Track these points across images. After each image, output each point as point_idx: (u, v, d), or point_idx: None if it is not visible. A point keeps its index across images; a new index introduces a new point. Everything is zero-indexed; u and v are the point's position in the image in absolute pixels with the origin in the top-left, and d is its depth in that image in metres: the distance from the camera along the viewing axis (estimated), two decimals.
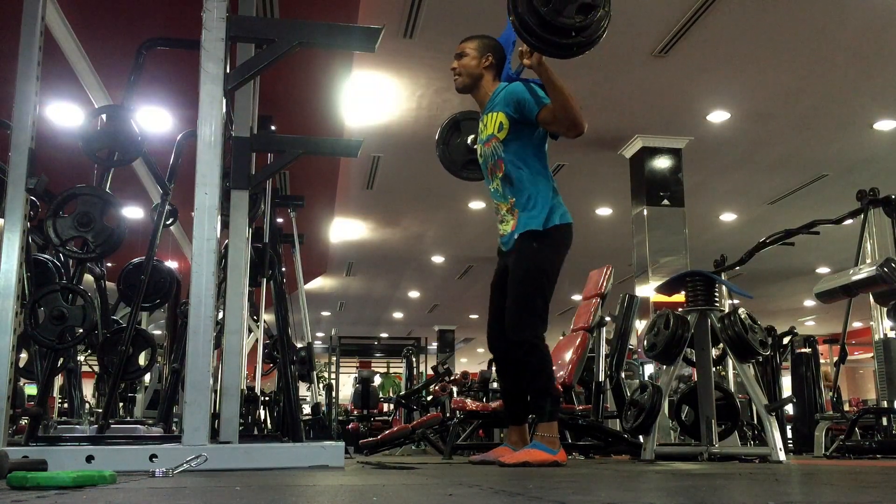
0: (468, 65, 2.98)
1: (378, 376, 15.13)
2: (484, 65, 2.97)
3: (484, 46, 3.00)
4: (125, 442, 2.94)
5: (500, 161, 2.86)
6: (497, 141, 2.86)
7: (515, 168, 2.84)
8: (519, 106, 2.80)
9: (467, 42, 3.03)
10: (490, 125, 2.89)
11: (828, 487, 1.81)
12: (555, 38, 2.39)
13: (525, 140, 2.84)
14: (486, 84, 2.98)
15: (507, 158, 2.84)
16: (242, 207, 3.44)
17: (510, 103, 2.82)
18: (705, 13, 5.60)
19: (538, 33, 2.40)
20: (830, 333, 12.84)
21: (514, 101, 2.81)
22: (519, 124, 2.82)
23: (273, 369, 7.10)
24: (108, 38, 5.42)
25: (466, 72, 2.98)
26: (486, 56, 2.97)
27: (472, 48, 3.00)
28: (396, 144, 7.97)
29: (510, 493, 1.58)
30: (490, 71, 2.98)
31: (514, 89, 2.84)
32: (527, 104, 2.78)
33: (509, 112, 2.82)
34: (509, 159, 2.84)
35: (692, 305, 3.83)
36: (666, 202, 7.75)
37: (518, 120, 2.82)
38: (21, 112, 2.85)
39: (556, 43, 2.42)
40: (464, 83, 3.00)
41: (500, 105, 2.86)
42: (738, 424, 4.30)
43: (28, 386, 6.68)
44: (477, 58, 2.98)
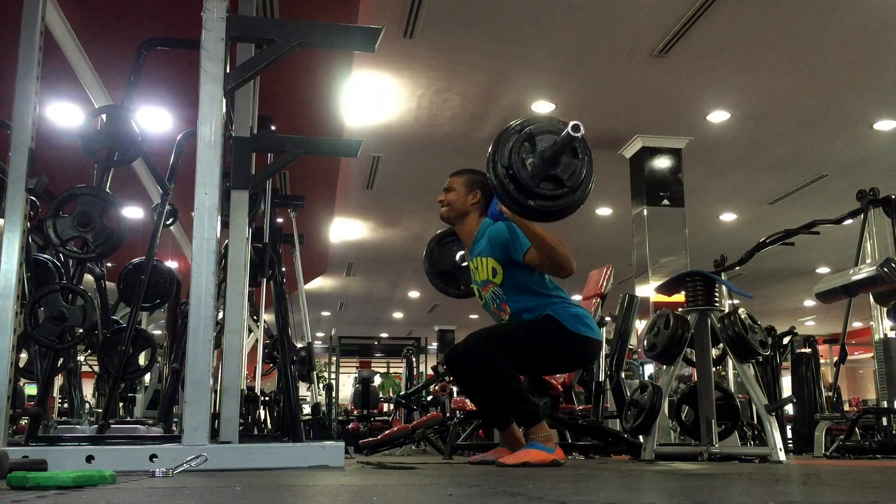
0: (455, 200, 2.96)
1: (378, 376, 15.13)
2: (471, 202, 2.94)
3: (472, 182, 2.97)
4: (125, 442, 2.94)
5: (504, 304, 2.84)
6: (495, 286, 2.83)
7: (521, 305, 2.81)
8: (504, 250, 2.77)
9: (457, 176, 3.00)
10: (482, 271, 2.86)
11: (828, 487, 1.81)
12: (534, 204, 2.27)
13: (521, 276, 2.80)
14: (470, 221, 2.95)
15: (509, 298, 2.82)
16: (242, 207, 3.43)
17: (496, 248, 2.79)
18: (705, 13, 5.60)
19: (518, 199, 2.28)
20: (830, 333, 12.84)
21: (500, 245, 2.78)
22: (510, 265, 2.80)
23: (273, 369, 7.09)
24: (108, 38, 5.42)
25: (452, 206, 2.96)
26: (475, 192, 2.94)
27: (461, 184, 2.97)
28: (396, 144, 7.97)
29: (510, 493, 1.58)
30: (476, 208, 2.94)
31: (497, 233, 2.79)
32: (511, 248, 2.74)
33: (498, 256, 2.79)
34: (511, 298, 2.82)
35: (692, 305, 3.83)
36: (666, 202, 7.75)
37: (508, 262, 2.79)
38: (21, 112, 2.85)
39: (535, 209, 2.29)
40: (448, 215, 2.98)
41: (487, 250, 2.82)
42: (738, 424, 4.29)
43: (28, 386, 6.68)
44: (464, 194, 2.95)
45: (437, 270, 3.35)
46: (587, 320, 2.83)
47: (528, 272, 2.81)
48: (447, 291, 3.34)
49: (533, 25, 5.78)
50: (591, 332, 2.82)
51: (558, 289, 2.88)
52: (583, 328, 2.79)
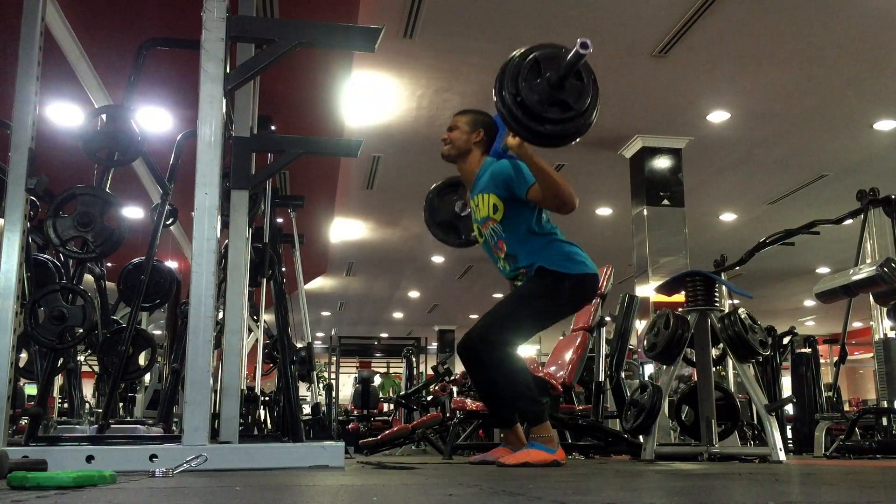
0: (458, 138, 2.97)
1: (378, 376, 15.13)
2: (474, 140, 2.95)
3: (476, 122, 2.98)
4: (125, 442, 2.94)
5: (501, 241, 2.84)
6: (494, 223, 2.84)
7: (519, 245, 2.81)
8: (507, 186, 2.78)
9: (461, 116, 3.02)
10: (483, 207, 2.87)
11: (828, 487, 1.81)
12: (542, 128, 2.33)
13: (522, 214, 2.81)
14: (472, 159, 2.96)
15: (508, 237, 2.82)
16: (242, 207, 3.44)
17: (499, 184, 2.80)
18: (705, 13, 5.60)
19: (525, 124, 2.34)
20: (830, 333, 12.84)
21: (503, 181, 2.79)
22: (512, 202, 2.80)
23: (273, 369, 7.10)
24: (108, 38, 5.42)
25: (455, 145, 2.97)
26: (478, 132, 2.96)
27: (465, 122, 2.99)
28: (396, 144, 7.97)
29: (510, 493, 1.58)
30: (479, 147, 2.96)
31: (501, 169, 2.81)
32: (514, 184, 2.75)
33: (500, 193, 2.80)
34: (510, 238, 2.82)
35: (692, 305, 3.83)
36: (666, 202, 7.75)
37: (510, 198, 2.80)
38: (21, 112, 2.85)
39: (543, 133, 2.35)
40: (450, 153, 2.98)
41: (489, 186, 2.83)
42: (738, 424, 4.30)
43: (28, 386, 6.69)
44: (468, 132, 2.96)
45: (437, 220, 3.36)
46: (580, 256, 2.84)
47: (527, 210, 2.82)
48: (448, 241, 3.35)
49: (533, 25, 5.78)
50: (586, 267, 2.83)
51: (554, 228, 2.89)
52: (576, 266, 2.81)
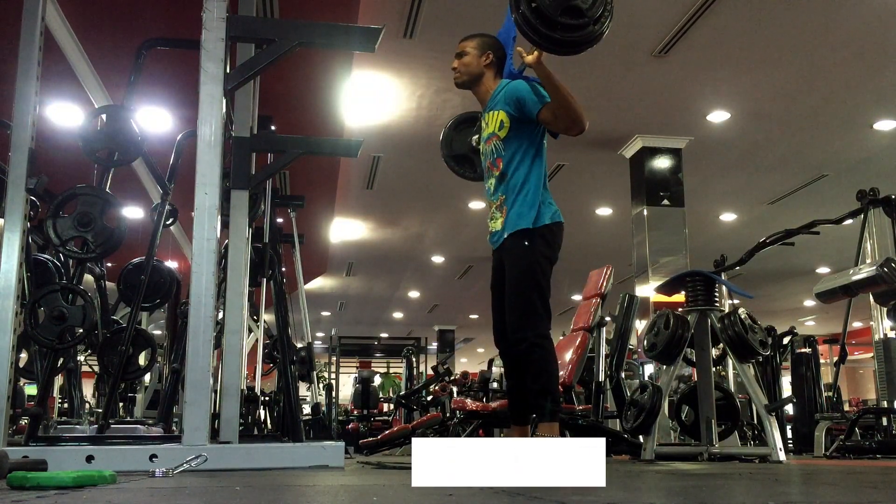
0: (469, 63, 2.99)
1: (378, 376, 15.12)
2: (484, 63, 2.97)
3: (484, 44, 3.01)
4: (125, 442, 2.94)
5: (499, 159, 2.86)
6: (497, 139, 2.86)
7: (512, 166, 2.84)
8: (520, 104, 2.80)
9: (467, 41, 3.04)
10: (491, 123, 2.90)
11: (828, 487, 1.81)
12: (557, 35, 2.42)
13: (524, 138, 2.85)
14: (486, 82, 2.98)
15: (506, 156, 2.85)
16: (242, 207, 3.44)
17: (511, 102, 2.82)
18: (705, 13, 5.60)
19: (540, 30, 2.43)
20: (830, 333, 12.83)
21: (515, 99, 2.81)
22: (519, 122, 2.83)
23: (273, 369, 7.09)
24: (108, 38, 5.42)
25: (467, 70, 2.99)
26: (487, 54, 2.98)
27: (473, 46, 3.00)
28: (396, 144, 7.97)
29: (510, 493, 1.58)
30: (491, 69, 2.98)
31: (516, 87, 2.84)
32: (527, 102, 2.78)
33: (510, 110, 2.82)
34: (507, 157, 2.85)
35: (692, 305, 3.84)
36: (666, 202, 7.75)
37: (518, 118, 2.82)
38: (21, 112, 2.85)
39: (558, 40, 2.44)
40: (463, 80, 3.01)
41: (501, 103, 2.86)
42: (738, 424, 4.30)
43: (28, 386, 6.69)
44: (477, 56, 2.98)
45: (453, 153, 3.37)
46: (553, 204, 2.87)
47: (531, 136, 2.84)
48: (463, 174, 3.38)
49: None
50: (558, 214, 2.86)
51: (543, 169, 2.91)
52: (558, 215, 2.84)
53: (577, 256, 9.35)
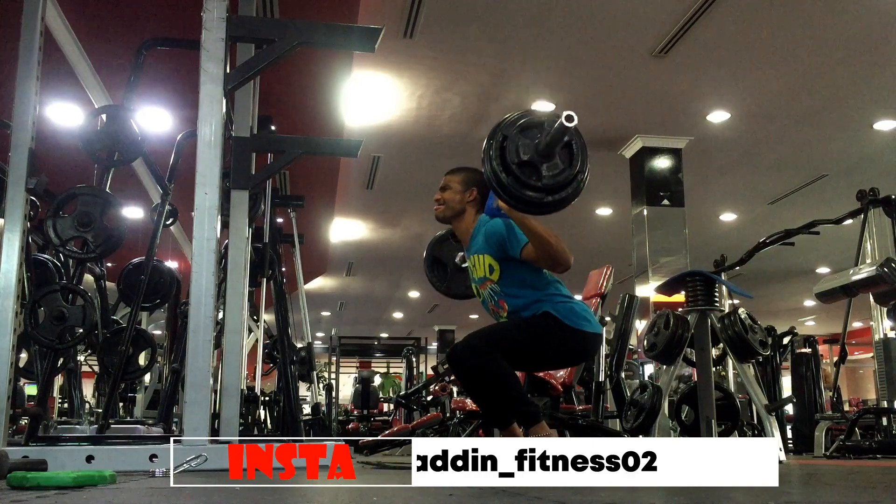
0: (451, 199, 2.93)
1: (378, 376, 15.12)
2: (468, 199, 2.91)
3: (468, 181, 2.94)
4: (125, 442, 2.94)
5: (502, 301, 2.83)
6: (492, 283, 2.82)
7: (519, 301, 2.79)
8: (501, 247, 2.76)
9: (452, 175, 2.98)
10: (480, 268, 2.85)
11: (828, 487, 1.81)
12: (531, 195, 2.29)
13: (519, 272, 2.78)
14: (467, 218, 2.92)
15: (507, 295, 2.80)
16: (242, 207, 3.44)
17: (492, 245, 2.77)
18: (705, 13, 5.59)
19: (514, 192, 2.29)
20: (830, 333, 12.84)
21: (496, 242, 2.76)
22: (508, 261, 2.78)
23: (273, 369, 7.09)
24: (108, 38, 5.42)
25: (449, 205, 2.94)
26: (471, 190, 2.92)
27: (457, 182, 2.94)
28: (396, 144, 7.97)
29: (510, 493, 1.58)
30: (473, 206, 2.92)
31: (494, 230, 2.77)
32: (508, 245, 2.72)
33: (494, 254, 2.78)
34: (509, 294, 2.80)
35: (692, 305, 3.83)
36: (666, 202, 7.75)
37: (505, 258, 2.78)
38: (21, 112, 2.85)
39: (532, 201, 2.31)
40: (444, 215, 2.95)
41: (484, 247, 2.81)
42: (738, 424, 4.29)
43: (28, 386, 6.68)
44: (461, 192, 2.92)
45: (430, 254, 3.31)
46: (585, 314, 2.81)
47: (525, 268, 2.80)
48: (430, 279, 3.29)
49: (533, 25, 5.78)
50: (590, 325, 2.80)
51: (557, 282, 2.86)
52: (581, 322, 2.77)
53: (577, 256, 9.29)
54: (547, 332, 2.73)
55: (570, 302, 2.80)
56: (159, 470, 2.10)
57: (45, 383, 3.36)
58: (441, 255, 3.32)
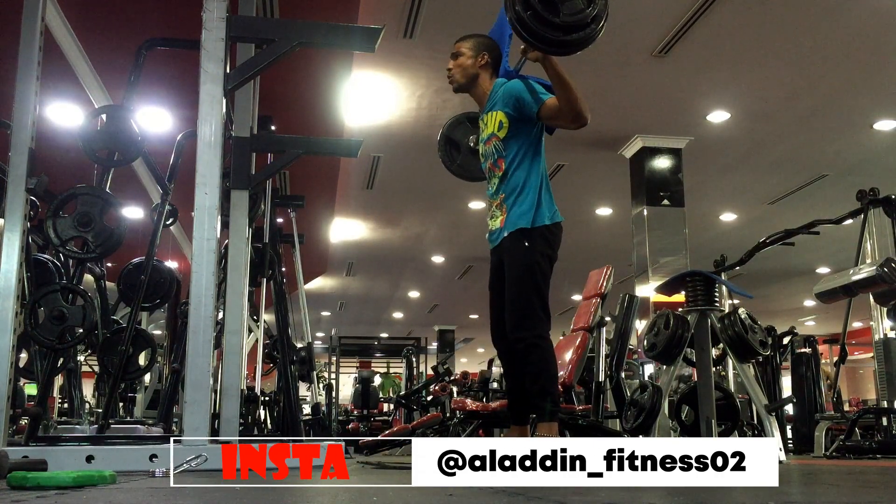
0: (464, 64, 2.97)
1: (378, 376, 15.12)
2: (480, 63, 2.96)
3: (479, 45, 3.00)
4: (125, 442, 2.94)
5: (501, 160, 2.86)
6: (497, 140, 2.86)
7: (513, 166, 2.84)
8: (518, 104, 2.80)
9: (462, 42, 3.03)
10: (490, 124, 2.89)
11: (828, 487, 1.81)
12: (553, 36, 2.39)
13: (524, 138, 2.85)
14: (483, 83, 2.97)
15: (507, 156, 2.84)
16: (242, 207, 3.44)
17: (509, 102, 2.82)
18: (705, 13, 5.59)
19: (536, 31, 2.40)
20: (830, 333, 12.83)
21: (514, 99, 2.81)
22: (519, 122, 2.82)
23: (273, 369, 7.09)
24: (108, 38, 5.42)
25: (463, 72, 2.97)
26: (482, 55, 2.97)
27: (468, 47, 2.99)
28: (396, 144, 7.97)
29: (510, 492, 1.58)
30: (486, 69, 2.97)
31: (513, 87, 2.83)
32: (526, 102, 2.78)
33: (509, 111, 2.82)
34: (509, 157, 2.84)
35: (692, 305, 3.83)
36: (666, 202, 7.75)
37: (518, 118, 2.82)
38: (21, 112, 2.85)
39: (553, 40, 2.41)
40: (459, 83, 2.99)
41: (500, 104, 2.86)
42: (738, 424, 4.29)
43: (28, 386, 6.68)
44: (473, 57, 2.97)
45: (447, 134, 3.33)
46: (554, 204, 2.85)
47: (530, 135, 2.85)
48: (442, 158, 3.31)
49: None
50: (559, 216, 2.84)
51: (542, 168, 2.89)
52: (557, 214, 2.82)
53: (577, 256, 9.34)
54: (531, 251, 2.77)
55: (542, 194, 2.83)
56: (159, 470, 2.10)
57: (45, 383, 3.36)
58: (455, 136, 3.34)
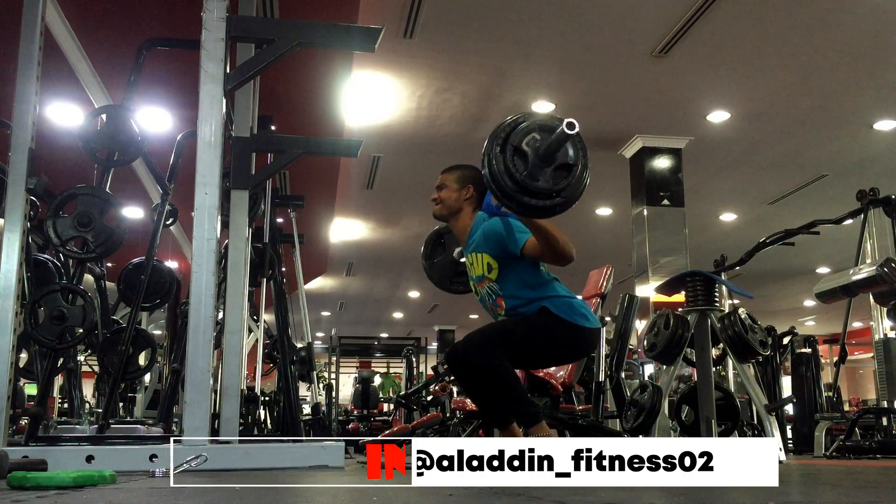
0: (448, 197, 2.92)
1: (378, 376, 15.12)
2: (465, 197, 2.91)
3: (465, 178, 2.94)
4: (125, 442, 2.94)
5: (500, 299, 2.83)
6: (490, 282, 2.82)
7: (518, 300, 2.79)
8: (500, 245, 2.75)
9: (448, 173, 2.98)
10: (478, 266, 2.85)
11: (828, 487, 1.81)
12: (534, 202, 2.29)
13: (517, 270, 2.78)
14: (464, 217, 2.92)
15: (506, 294, 2.80)
16: (242, 207, 3.44)
17: (491, 244, 2.77)
18: (705, 13, 5.59)
19: (517, 198, 2.29)
20: (830, 333, 12.84)
21: (494, 240, 2.76)
22: (506, 259, 2.78)
23: (273, 369, 7.09)
24: (108, 38, 5.42)
25: (446, 204, 2.93)
26: (468, 188, 2.92)
27: (453, 180, 2.94)
28: (396, 144, 7.97)
29: (510, 493, 1.58)
30: (470, 203, 2.91)
31: (492, 229, 2.77)
32: (508, 243, 2.72)
33: (493, 252, 2.77)
34: (508, 294, 2.80)
35: (692, 305, 3.83)
36: (666, 202, 7.74)
37: (504, 256, 2.78)
38: (21, 112, 2.85)
39: (535, 206, 2.31)
40: (441, 213, 2.95)
41: (482, 246, 2.80)
42: (738, 424, 4.29)
43: (28, 386, 6.68)
44: (457, 190, 2.91)
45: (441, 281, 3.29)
46: (583, 310, 2.81)
47: (523, 266, 2.80)
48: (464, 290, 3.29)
49: (533, 25, 5.78)
50: (587, 321, 2.80)
51: (555, 280, 2.86)
52: (579, 318, 2.77)
53: (578, 256, 9.33)
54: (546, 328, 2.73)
55: (568, 298, 2.80)
56: (159, 470, 2.10)
57: (45, 383, 3.36)
58: (449, 273, 3.30)
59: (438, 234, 3.37)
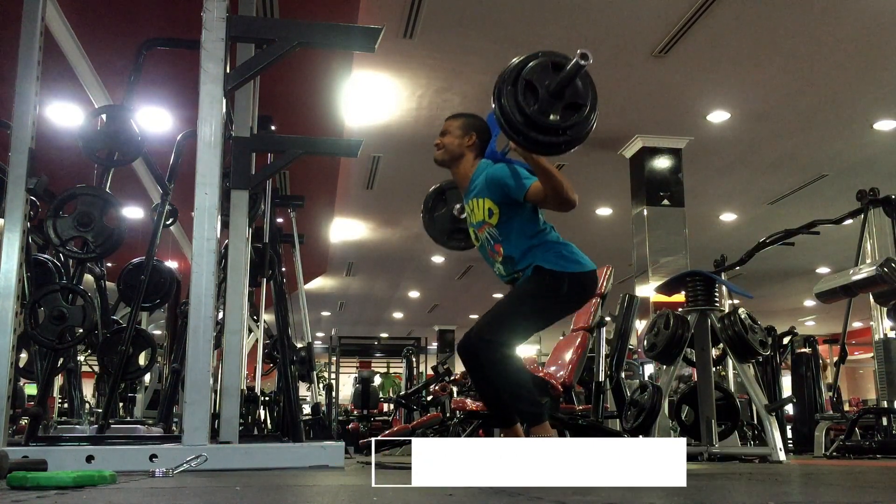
0: (450, 143, 2.92)
1: (378, 376, 15.13)
2: (466, 144, 2.90)
3: (468, 125, 2.94)
4: (125, 442, 2.94)
5: (498, 245, 2.83)
6: (490, 227, 2.82)
7: (515, 247, 2.79)
8: (503, 190, 2.75)
9: (452, 120, 2.98)
10: (478, 211, 2.85)
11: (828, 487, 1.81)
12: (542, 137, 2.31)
13: (517, 216, 2.79)
14: (465, 164, 2.92)
15: (504, 240, 2.81)
16: (242, 207, 3.44)
17: (494, 189, 2.77)
18: (705, 13, 5.60)
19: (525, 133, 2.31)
20: (830, 333, 12.83)
21: (497, 186, 2.76)
22: (507, 205, 2.78)
23: (273, 369, 7.10)
24: (108, 38, 5.42)
25: (448, 149, 2.93)
26: (470, 135, 2.91)
27: (456, 126, 2.94)
28: (396, 144, 7.97)
29: (510, 493, 1.58)
30: (472, 150, 2.91)
31: (496, 174, 2.77)
32: (511, 189, 2.72)
33: (495, 198, 2.77)
34: (506, 240, 2.80)
35: (692, 305, 3.84)
36: (666, 202, 7.75)
37: (506, 202, 2.78)
38: (21, 112, 2.85)
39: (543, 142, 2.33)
40: (442, 158, 2.94)
41: (485, 191, 2.80)
42: (738, 424, 4.30)
43: (28, 386, 6.68)
44: (460, 136, 2.91)
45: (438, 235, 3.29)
46: (575, 255, 2.81)
47: (523, 212, 2.80)
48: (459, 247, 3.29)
49: (533, 25, 5.78)
50: (581, 266, 2.80)
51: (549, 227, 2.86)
52: (572, 265, 2.77)
53: None
54: (547, 288, 2.74)
55: (559, 246, 2.80)
56: (159, 470, 2.10)
57: (45, 383, 3.35)
58: (446, 227, 3.31)
59: (441, 188, 3.36)
